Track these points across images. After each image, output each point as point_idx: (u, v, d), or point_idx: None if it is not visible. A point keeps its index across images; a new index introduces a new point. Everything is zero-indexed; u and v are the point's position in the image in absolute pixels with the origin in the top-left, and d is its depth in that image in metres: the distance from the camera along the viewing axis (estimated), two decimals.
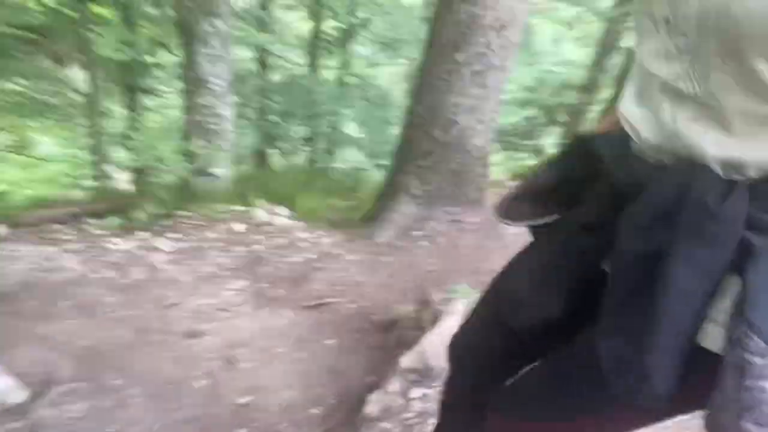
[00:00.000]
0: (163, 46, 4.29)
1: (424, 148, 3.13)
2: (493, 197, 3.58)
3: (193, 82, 3.38)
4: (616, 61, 10.44)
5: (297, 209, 3.76)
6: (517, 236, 3.59)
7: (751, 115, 0.57)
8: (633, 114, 0.71)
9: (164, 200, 3.60)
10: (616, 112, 0.92)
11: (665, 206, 0.63)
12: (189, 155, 3.46)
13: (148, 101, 6.59)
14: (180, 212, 3.55)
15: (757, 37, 0.53)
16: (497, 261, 3.57)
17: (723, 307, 0.63)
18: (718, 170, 0.61)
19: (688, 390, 0.66)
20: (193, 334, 2.60)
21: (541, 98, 9.97)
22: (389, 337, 2.56)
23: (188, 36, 3.26)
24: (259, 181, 4.20)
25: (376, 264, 3.15)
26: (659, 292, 0.62)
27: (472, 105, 2.98)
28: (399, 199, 3.24)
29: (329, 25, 10.03)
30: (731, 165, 0.60)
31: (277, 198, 3.87)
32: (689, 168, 0.62)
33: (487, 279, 3.47)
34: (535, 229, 0.93)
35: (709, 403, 0.62)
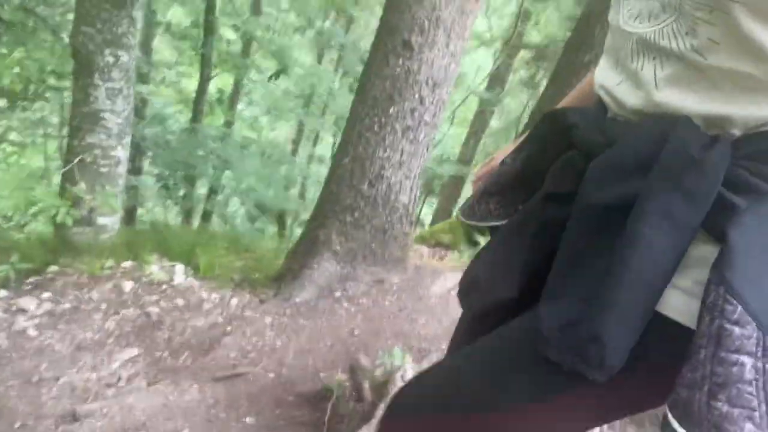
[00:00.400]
0: (54, 75, 3.75)
1: (349, 203, 2.96)
2: (415, 257, 3.47)
3: (85, 118, 2.94)
4: (486, 140, 11.42)
5: (196, 267, 3.35)
6: (442, 298, 3.47)
7: (737, 73, 0.54)
8: (611, 79, 0.67)
9: (33, 253, 3.01)
10: (581, 91, 0.86)
11: (640, 155, 0.57)
12: (71, 201, 2.96)
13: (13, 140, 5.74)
14: (54, 268, 2.98)
15: None
16: (422, 323, 3.39)
17: (695, 276, 0.56)
18: (701, 125, 0.57)
19: (651, 371, 0.58)
20: (72, 417, 2.10)
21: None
22: (320, 411, 2.26)
23: (85, 67, 2.86)
24: (150, 235, 3.72)
25: (295, 327, 2.84)
26: (624, 244, 0.55)
27: (401, 160, 2.90)
28: (319, 256, 3.01)
29: (217, 83, 9.76)
30: (715, 121, 0.57)
31: (171, 254, 3.43)
32: (670, 120, 0.57)
33: (412, 342, 3.24)
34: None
35: (677, 382, 0.54)
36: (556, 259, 0.62)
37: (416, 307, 3.08)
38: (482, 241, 4.36)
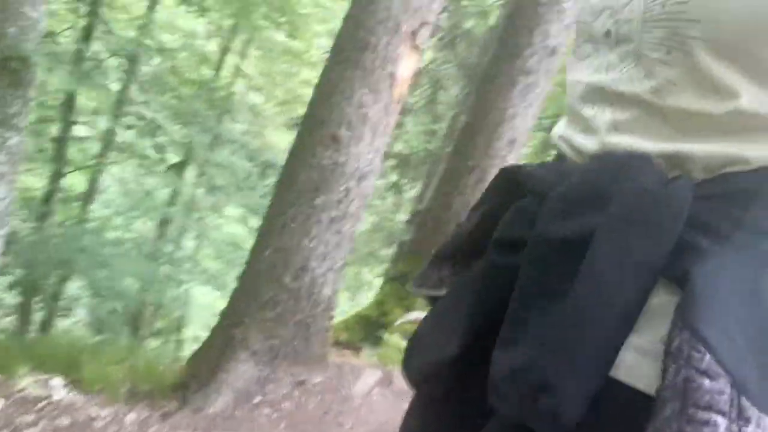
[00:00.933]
0: None
1: (269, 297, 2.78)
2: (336, 354, 3.31)
3: None
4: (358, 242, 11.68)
5: (76, 379, 2.86)
6: (366, 397, 3.33)
7: (696, 113, 0.54)
8: (569, 130, 0.66)
9: None
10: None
11: (597, 189, 0.54)
12: None
13: None
14: None
15: (707, 23, 0.51)
16: (348, 427, 3.22)
17: (654, 332, 0.50)
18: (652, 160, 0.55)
19: None
20: None
21: None
22: None
23: None
24: (15, 344, 3.14)
25: None
26: (579, 284, 0.51)
27: (326, 251, 2.83)
28: (235, 357, 2.74)
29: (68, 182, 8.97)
30: (675, 161, 0.54)
31: (45, 365, 2.91)
32: (628, 156, 0.55)
33: None
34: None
35: None
36: (510, 303, 0.57)
37: (341, 409, 2.89)
38: (386, 335, 4.31)
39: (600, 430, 0.50)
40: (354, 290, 12.68)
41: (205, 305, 12.10)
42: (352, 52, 2.74)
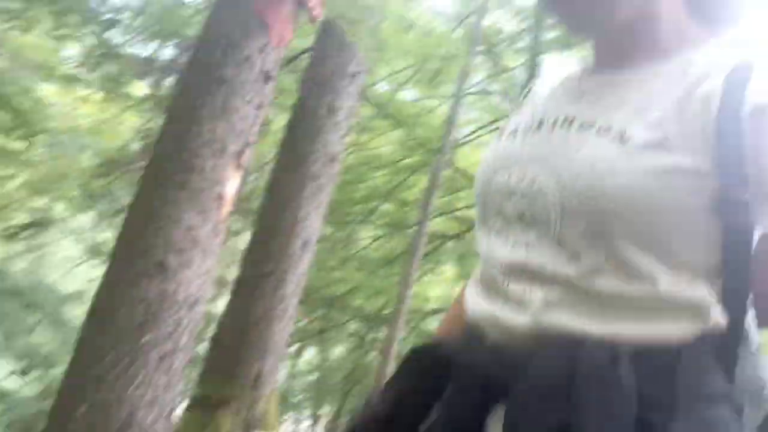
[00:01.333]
0: None
1: None
2: None
3: None
4: None
5: None
6: None
7: (622, 295, 0.57)
8: (490, 306, 0.66)
9: None
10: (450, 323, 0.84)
11: (556, 379, 0.56)
12: None
13: None
14: None
15: (621, 217, 0.56)
16: None
17: None
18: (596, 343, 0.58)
19: None
20: None
21: None
22: None
23: None
24: None
25: None
26: None
27: (154, 397, 2.43)
28: None
29: None
30: (606, 339, 0.57)
31: None
32: (568, 341, 0.58)
33: None
34: None
35: None
36: None
37: None
38: None
39: None
40: None
41: None
42: (176, 173, 2.57)
